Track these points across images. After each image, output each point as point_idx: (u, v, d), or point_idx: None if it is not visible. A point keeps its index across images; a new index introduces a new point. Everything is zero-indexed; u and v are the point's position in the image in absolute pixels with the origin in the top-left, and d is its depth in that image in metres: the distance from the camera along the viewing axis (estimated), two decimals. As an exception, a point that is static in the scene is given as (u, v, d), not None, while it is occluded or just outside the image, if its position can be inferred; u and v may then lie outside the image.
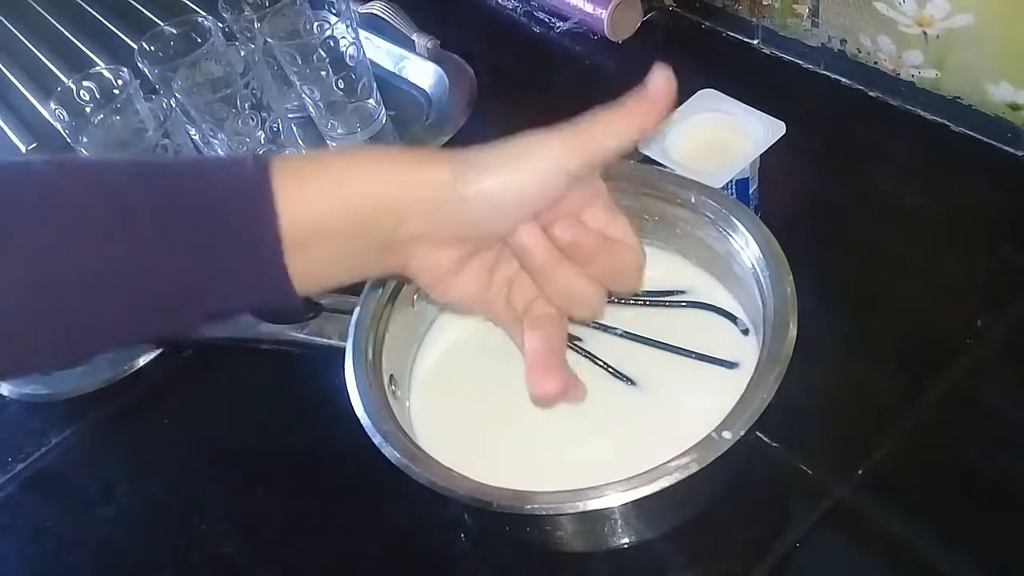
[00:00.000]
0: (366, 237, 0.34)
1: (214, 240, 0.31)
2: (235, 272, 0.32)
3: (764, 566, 0.42)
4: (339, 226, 0.33)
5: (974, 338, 0.48)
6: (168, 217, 0.31)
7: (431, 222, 0.34)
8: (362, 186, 0.33)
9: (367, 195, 0.33)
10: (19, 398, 0.59)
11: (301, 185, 0.32)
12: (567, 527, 0.43)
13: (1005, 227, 0.54)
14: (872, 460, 0.44)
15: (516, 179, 0.34)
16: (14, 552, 0.53)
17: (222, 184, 0.32)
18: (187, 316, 0.33)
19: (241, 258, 0.32)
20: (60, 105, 0.60)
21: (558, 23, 0.75)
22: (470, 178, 0.34)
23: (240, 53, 0.62)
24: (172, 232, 0.31)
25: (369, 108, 0.69)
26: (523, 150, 0.35)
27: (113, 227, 0.31)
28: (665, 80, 0.35)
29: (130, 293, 0.31)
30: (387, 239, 0.34)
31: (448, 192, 0.34)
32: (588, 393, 0.44)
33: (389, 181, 0.34)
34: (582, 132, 0.35)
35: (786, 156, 0.51)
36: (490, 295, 0.39)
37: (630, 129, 0.35)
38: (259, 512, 0.51)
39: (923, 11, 0.55)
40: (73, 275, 0.30)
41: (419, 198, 0.34)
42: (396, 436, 0.40)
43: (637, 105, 0.35)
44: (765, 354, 0.39)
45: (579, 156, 0.34)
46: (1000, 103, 0.55)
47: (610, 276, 0.38)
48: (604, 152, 0.35)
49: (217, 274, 0.32)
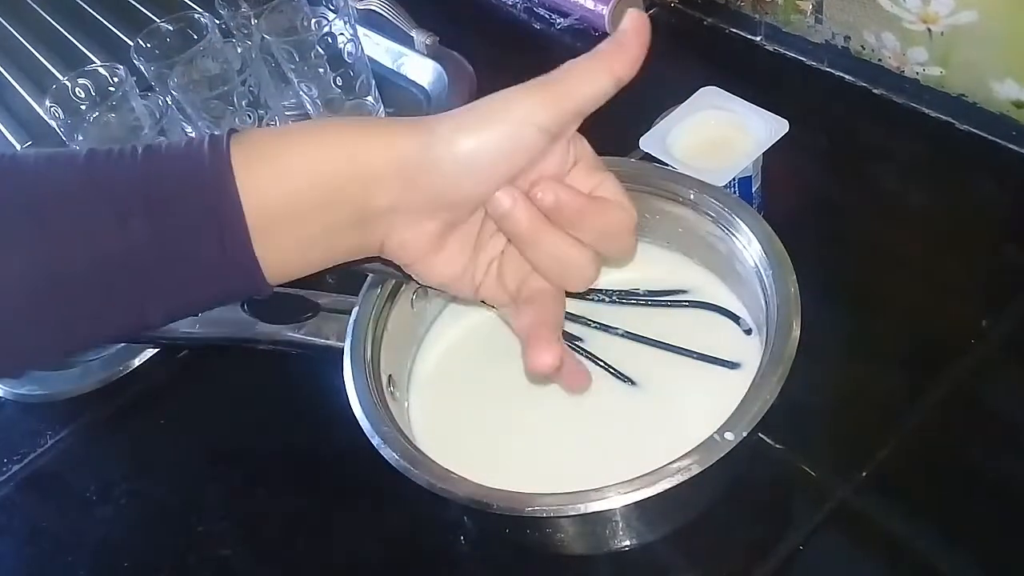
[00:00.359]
0: (337, 211, 0.32)
1: (178, 235, 0.30)
2: (203, 265, 0.31)
3: (766, 568, 0.42)
4: (307, 203, 0.32)
5: (977, 338, 0.48)
6: (130, 215, 0.30)
7: (404, 189, 0.33)
8: (328, 158, 0.32)
9: (334, 167, 0.32)
10: (15, 398, 0.59)
11: (262, 165, 0.31)
12: (568, 529, 0.42)
13: (1009, 226, 0.54)
14: (875, 461, 0.44)
15: (488, 136, 0.33)
16: (11, 553, 0.52)
17: (180, 174, 0.31)
18: (158, 311, 0.32)
19: (208, 251, 0.31)
20: (55, 103, 0.60)
21: (558, 19, 0.74)
22: (441, 140, 0.32)
23: (237, 50, 0.62)
24: (136, 230, 0.30)
25: (367, 105, 0.68)
26: (493, 107, 0.33)
27: (72, 227, 0.30)
28: (639, 23, 0.33)
29: (100, 288, 0.30)
30: (360, 211, 0.33)
31: (419, 156, 0.32)
32: (589, 394, 0.44)
33: (356, 151, 0.32)
34: (553, 83, 0.33)
35: (789, 154, 0.51)
36: (478, 274, 0.37)
37: (604, 77, 0.33)
38: (257, 513, 0.50)
39: (927, 8, 0.54)
40: (37, 271, 0.30)
41: (389, 164, 0.32)
42: (395, 437, 0.40)
43: (610, 51, 0.33)
44: (768, 354, 0.39)
45: (552, 108, 0.33)
46: (1005, 101, 0.55)
47: (600, 238, 0.36)
48: (578, 103, 0.33)
49: (182, 269, 0.31)
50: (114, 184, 0.31)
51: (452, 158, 0.33)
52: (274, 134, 0.33)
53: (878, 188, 0.57)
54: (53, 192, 0.31)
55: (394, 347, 0.46)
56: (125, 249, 0.30)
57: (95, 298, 0.31)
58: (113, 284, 0.31)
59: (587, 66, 0.34)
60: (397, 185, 0.33)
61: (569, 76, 0.33)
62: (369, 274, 0.46)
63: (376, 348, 0.44)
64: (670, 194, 0.47)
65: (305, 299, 0.49)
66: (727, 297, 0.47)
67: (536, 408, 0.45)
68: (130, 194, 0.31)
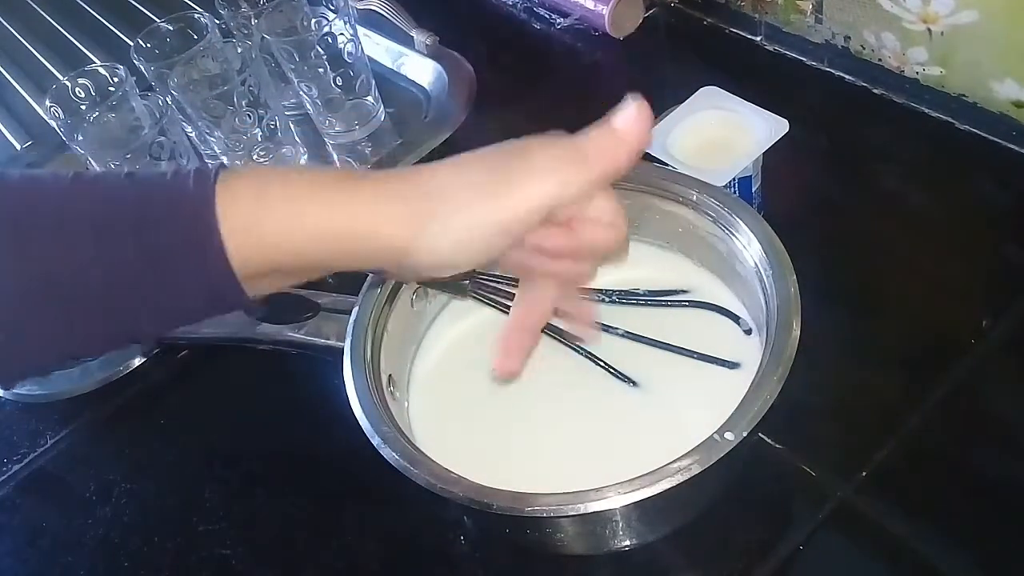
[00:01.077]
0: (324, 272, 0.34)
1: (161, 256, 0.31)
2: (187, 285, 0.31)
3: (766, 568, 0.42)
4: (291, 267, 0.32)
5: (978, 338, 0.48)
6: (116, 233, 0.30)
7: (393, 268, 0.34)
8: (314, 231, 0.32)
9: (320, 242, 0.32)
10: (15, 399, 0.59)
11: (245, 234, 0.31)
12: (568, 529, 0.42)
13: (1009, 225, 0.53)
14: (875, 461, 0.44)
15: (486, 224, 0.33)
16: (11, 553, 0.52)
17: (165, 199, 0.31)
18: (145, 327, 0.33)
19: (189, 275, 0.31)
20: (55, 103, 0.60)
21: (558, 19, 0.74)
22: (430, 235, 0.32)
23: (237, 50, 0.62)
24: (122, 249, 0.30)
25: (367, 105, 0.68)
26: (505, 181, 0.33)
27: (56, 243, 0.30)
28: (636, 113, 0.34)
29: (87, 304, 0.31)
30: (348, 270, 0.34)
31: (405, 248, 0.33)
32: (589, 394, 0.43)
33: (342, 231, 0.32)
34: (577, 160, 0.33)
35: (789, 154, 0.51)
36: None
37: (622, 152, 0.34)
38: (257, 513, 0.50)
39: (928, 8, 0.54)
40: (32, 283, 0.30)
41: (376, 254, 0.33)
42: (395, 437, 0.40)
43: (606, 141, 0.34)
44: (768, 354, 0.39)
45: (533, 216, 0.33)
46: (1005, 100, 0.54)
47: (595, 258, 0.38)
48: (599, 179, 0.34)
49: (167, 288, 0.31)
50: (98, 203, 0.31)
51: (441, 251, 0.33)
52: (261, 193, 0.32)
53: (878, 188, 0.57)
54: (38, 209, 0.31)
55: (394, 347, 0.46)
56: (110, 266, 0.30)
57: (82, 313, 0.31)
58: (99, 300, 0.31)
59: (606, 145, 0.34)
60: (382, 266, 0.34)
61: (594, 152, 0.34)
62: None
63: (376, 348, 0.44)
64: (670, 194, 0.47)
65: (305, 299, 0.49)
66: (727, 297, 0.47)
67: (536, 408, 0.45)
68: (116, 214, 0.31)
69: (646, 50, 0.70)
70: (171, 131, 0.59)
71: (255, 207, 0.31)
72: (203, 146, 0.67)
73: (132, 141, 0.58)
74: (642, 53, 0.70)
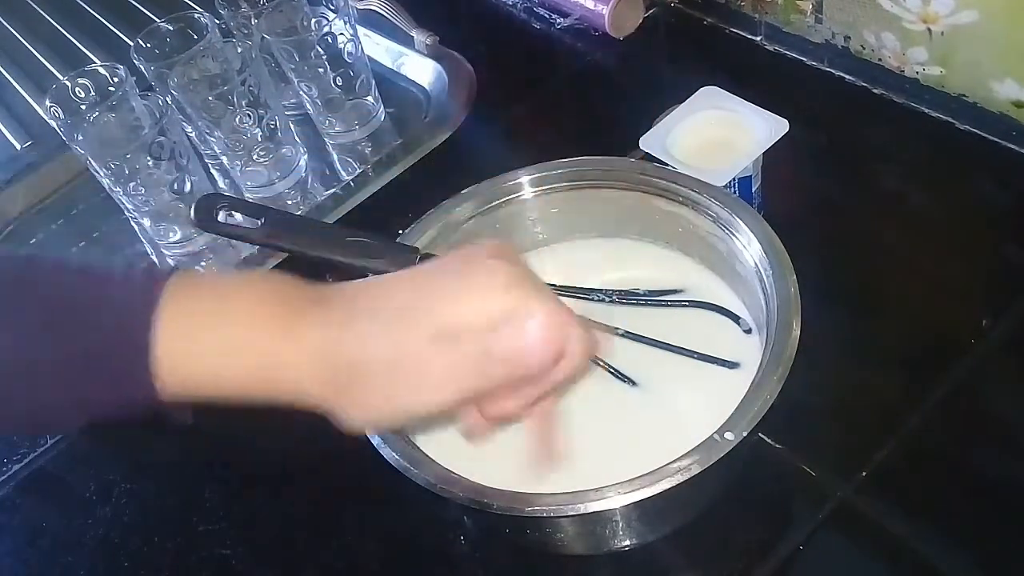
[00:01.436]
0: (260, 399, 0.34)
1: (88, 356, 0.32)
2: (106, 388, 0.33)
3: (766, 568, 0.42)
4: (229, 391, 0.34)
5: (978, 338, 0.48)
6: (48, 326, 0.32)
7: (327, 410, 0.34)
8: (246, 379, 0.34)
9: (245, 390, 0.34)
10: (15, 398, 0.59)
11: (188, 355, 0.33)
12: (567, 529, 0.42)
13: (1009, 225, 0.53)
14: (875, 461, 0.44)
15: (391, 417, 0.34)
16: (11, 553, 0.52)
17: (108, 303, 0.32)
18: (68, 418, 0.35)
19: (108, 382, 0.32)
20: (55, 103, 0.60)
21: (558, 19, 0.74)
22: (349, 404, 0.33)
23: (237, 50, 0.62)
24: (52, 340, 0.32)
25: (367, 105, 0.68)
26: (399, 395, 0.33)
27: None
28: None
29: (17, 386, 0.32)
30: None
31: (331, 410, 0.34)
32: (589, 394, 0.43)
33: (271, 385, 0.34)
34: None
35: (789, 154, 0.51)
36: None
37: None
38: (257, 513, 0.50)
39: (928, 8, 0.54)
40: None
41: (304, 404, 0.34)
42: (395, 437, 0.40)
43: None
44: (768, 354, 0.39)
45: (443, 409, 0.34)
46: (1005, 100, 0.54)
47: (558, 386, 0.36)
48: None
49: (90, 385, 0.33)
50: (41, 290, 0.32)
51: (363, 419, 0.34)
52: (204, 314, 0.33)
53: (878, 188, 0.57)
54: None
55: (394, 347, 0.46)
56: (39, 354, 0.32)
57: (10, 394, 0.32)
58: (24, 385, 0.32)
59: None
60: (317, 406, 0.34)
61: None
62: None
63: (376, 348, 0.44)
64: (670, 194, 0.47)
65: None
66: (727, 297, 0.47)
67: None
68: (59, 310, 0.32)
69: (646, 50, 0.70)
70: (171, 131, 0.59)
71: (198, 325, 0.33)
72: (203, 146, 0.67)
73: (132, 141, 0.58)
74: (642, 53, 0.70)
